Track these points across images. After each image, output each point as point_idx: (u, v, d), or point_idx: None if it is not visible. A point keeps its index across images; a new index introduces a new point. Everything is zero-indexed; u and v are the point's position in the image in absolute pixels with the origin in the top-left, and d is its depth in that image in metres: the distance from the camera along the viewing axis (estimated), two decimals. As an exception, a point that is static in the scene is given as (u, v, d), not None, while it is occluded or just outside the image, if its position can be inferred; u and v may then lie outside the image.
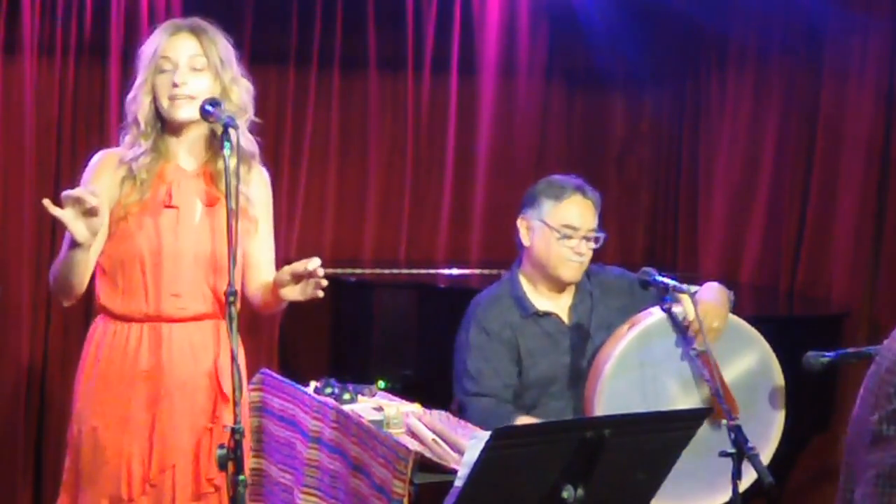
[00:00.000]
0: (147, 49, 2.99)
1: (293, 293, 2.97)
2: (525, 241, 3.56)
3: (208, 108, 2.84)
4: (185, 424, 2.95)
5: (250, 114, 3.04)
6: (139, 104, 2.95)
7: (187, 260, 2.94)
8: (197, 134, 2.99)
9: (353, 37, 5.35)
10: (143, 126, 2.95)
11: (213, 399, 2.98)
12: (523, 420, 3.44)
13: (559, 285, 3.57)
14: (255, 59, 5.18)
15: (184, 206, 2.96)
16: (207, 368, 2.98)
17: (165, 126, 2.98)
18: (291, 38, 5.27)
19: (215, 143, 2.98)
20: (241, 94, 3.00)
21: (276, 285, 2.99)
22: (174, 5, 4.94)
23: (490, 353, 3.49)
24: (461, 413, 3.44)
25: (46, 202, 2.70)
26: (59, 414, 4.82)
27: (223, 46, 3.01)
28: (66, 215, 2.71)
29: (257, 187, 3.08)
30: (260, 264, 3.10)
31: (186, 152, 3.00)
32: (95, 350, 2.97)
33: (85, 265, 2.87)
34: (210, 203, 2.99)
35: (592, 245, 3.53)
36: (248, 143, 3.02)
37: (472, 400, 3.46)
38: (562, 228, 3.48)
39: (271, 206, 3.18)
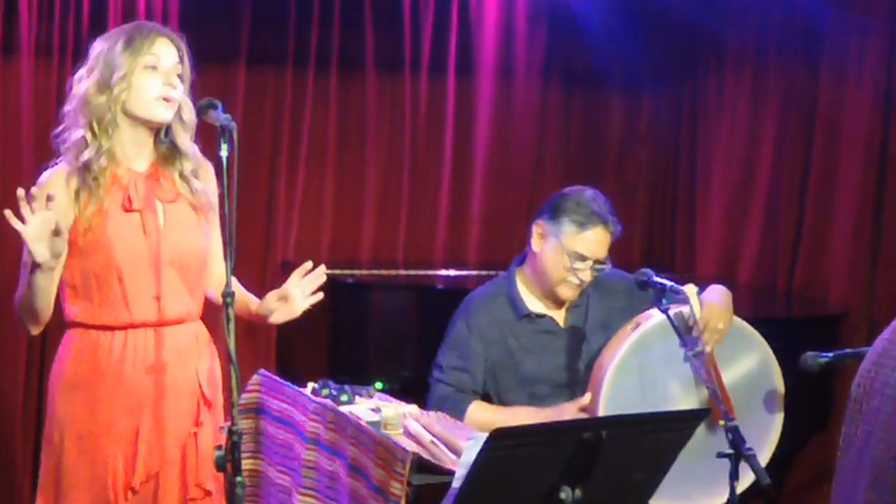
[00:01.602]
0: (126, 47, 2.90)
1: (283, 315, 3.05)
2: (535, 246, 3.55)
3: (209, 109, 2.84)
4: (170, 430, 2.93)
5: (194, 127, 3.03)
6: (115, 98, 2.88)
7: (162, 262, 2.92)
8: (151, 137, 2.98)
9: (350, 37, 5.36)
10: (115, 119, 2.89)
11: (197, 404, 2.98)
12: (477, 405, 3.48)
13: (555, 300, 3.57)
14: (252, 59, 5.21)
15: (145, 209, 2.93)
16: (191, 373, 2.97)
17: (121, 128, 2.92)
18: (289, 38, 5.27)
19: (161, 144, 2.99)
20: (190, 110, 2.99)
21: (262, 315, 3.05)
22: (171, 6, 4.93)
23: (468, 352, 3.51)
24: (427, 391, 3.53)
25: (8, 213, 2.65)
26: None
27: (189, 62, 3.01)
28: (28, 232, 2.66)
29: (209, 181, 3.05)
30: (216, 255, 3.04)
31: (139, 154, 2.97)
32: (75, 359, 2.93)
33: (49, 289, 2.81)
34: (170, 201, 2.98)
35: (596, 272, 3.53)
36: (193, 145, 3.02)
37: (435, 384, 3.53)
38: (573, 255, 3.47)
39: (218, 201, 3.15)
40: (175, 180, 3.00)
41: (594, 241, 3.48)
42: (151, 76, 2.90)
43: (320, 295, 3.07)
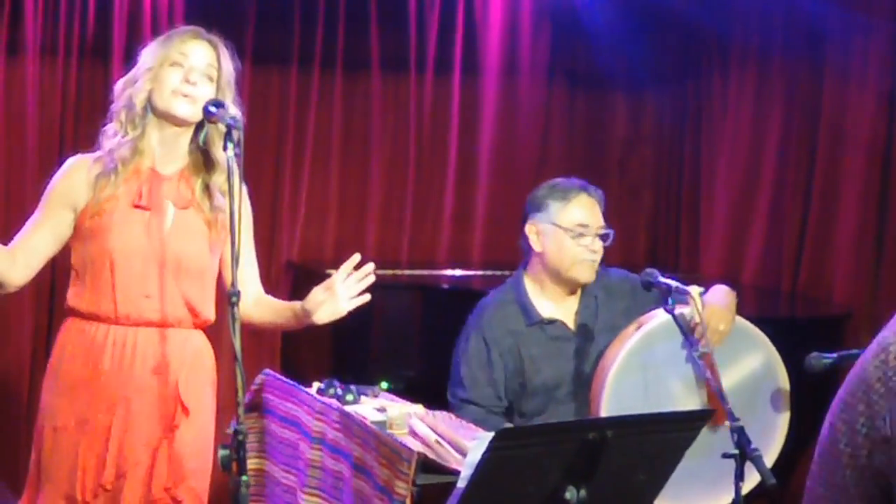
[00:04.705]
0: (160, 43, 2.95)
1: (327, 313, 2.98)
2: (536, 246, 3.54)
3: (212, 108, 2.83)
4: (143, 431, 2.91)
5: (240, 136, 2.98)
6: (138, 89, 2.91)
7: (160, 263, 2.92)
8: (180, 140, 2.97)
9: (355, 37, 5.36)
10: (137, 109, 2.91)
11: (173, 409, 2.94)
12: None
13: (571, 287, 3.56)
14: (257, 59, 5.21)
15: (155, 209, 2.93)
16: (171, 379, 2.94)
17: (149, 124, 2.94)
18: (294, 38, 5.28)
19: (193, 152, 2.98)
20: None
21: (308, 311, 2.98)
22: (177, 7, 4.95)
23: (487, 364, 3.49)
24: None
25: None
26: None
27: (232, 68, 3.00)
28: None
29: (243, 203, 2.99)
30: (245, 280, 2.96)
31: (164, 155, 2.97)
32: (61, 350, 2.95)
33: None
34: (183, 206, 2.97)
35: (602, 243, 3.53)
36: (229, 159, 2.95)
37: (463, 406, 3.46)
38: (575, 227, 3.48)
39: (251, 220, 3.12)
40: (196, 190, 2.98)
41: (584, 206, 3.51)
42: (175, 71, 2.92)
43: (367, 297, 2.99)
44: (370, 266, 2.97)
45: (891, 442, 2.23)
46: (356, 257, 2.97)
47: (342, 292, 2.96)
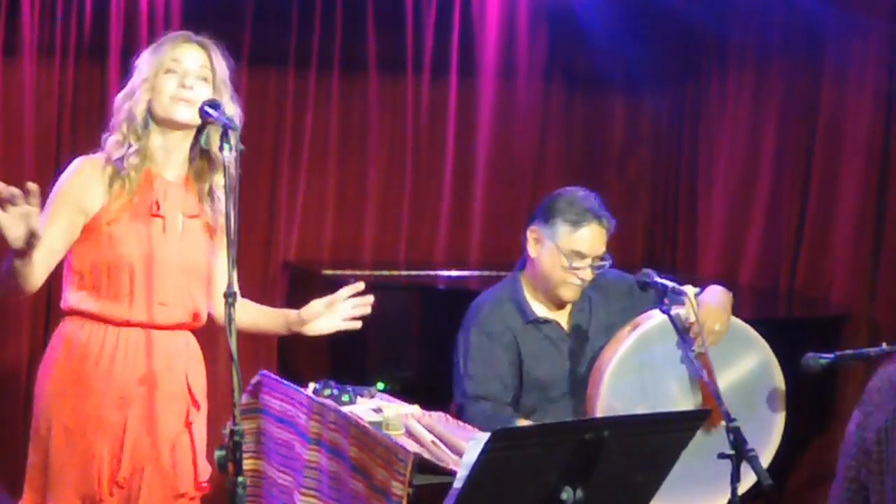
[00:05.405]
0: (152, 52, 2.98)
1: (324, 325, 3.14)
2: (532, 252, 3.54)
3: (208, 109, 2.84)
4: (158, 428, 2.94)
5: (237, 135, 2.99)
6: (137, 101, 2.94)
7: (174, 270, 2.95)
8: (183, 144, 2.99)
9: (352, 39, 5.36)
10: (138, 120, 2.93)
11: (186, 405, 2.99)
12: (523, 423, 3.43)
13: (555, 301, 3.57)
14: (254, 60, 5.21)
15: (169, 216, 2.96)
16: (181, 377, 2.98)
17: (152, 132, 2.96)
18: (291, 39, 5.28)
19: (197, 158, 3.01)
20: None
21: (304, 320, 3.11)
22: (173, 7, 4.94)
23: (490, 356, 3.48)
24: (460, 416, 3.42)
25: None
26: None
27: (226, 66, 3.03)
28: (5, 222, 2.57)
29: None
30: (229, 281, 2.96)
31: (169, 161, 2.99)
32: (67, 350, 2.94)
33: (30, 270, 2.76)
34: (191, 215, 3.00)
35: (596, 270, 3.52)
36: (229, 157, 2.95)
37: (472, 403, 3.44)
38: (571, 255, 3.46)
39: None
40: (202, 197, 3.02)
41: (590, 238, 3.48)
42: (171, 78, 2.94)
43: (359, 324, 3.17)
44: (370, 298, 3.17)
45: (870, 453, 2.24)
46: (360, 285, 3.15)
47: (343, 310, 3.14)
